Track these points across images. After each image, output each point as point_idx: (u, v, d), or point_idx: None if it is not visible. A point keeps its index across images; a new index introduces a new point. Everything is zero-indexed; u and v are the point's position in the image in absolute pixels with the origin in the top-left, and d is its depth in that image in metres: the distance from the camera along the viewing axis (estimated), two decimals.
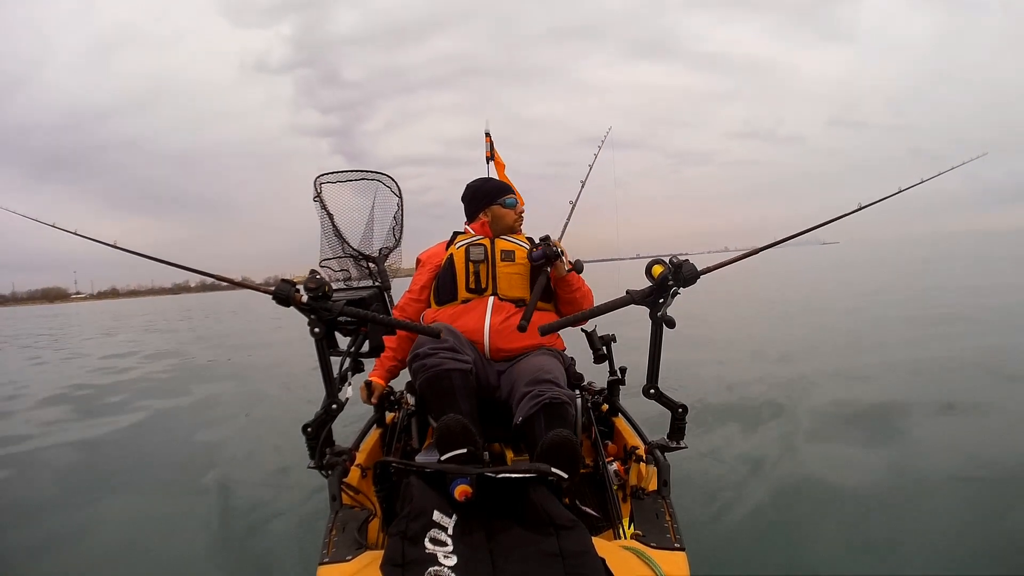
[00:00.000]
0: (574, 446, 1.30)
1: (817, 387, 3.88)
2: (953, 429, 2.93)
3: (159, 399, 5.00)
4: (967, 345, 4.98)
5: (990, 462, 2.40)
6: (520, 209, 2.04)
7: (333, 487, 1.31)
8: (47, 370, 7.99)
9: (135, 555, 2.08)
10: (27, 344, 13.02)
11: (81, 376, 6.83)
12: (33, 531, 2.31)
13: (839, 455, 2.64)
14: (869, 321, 6.92)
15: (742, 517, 2.07)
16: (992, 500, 2.09)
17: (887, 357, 4.71)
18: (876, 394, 3.60)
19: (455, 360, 1.53)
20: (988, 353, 4.58)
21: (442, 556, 1.01)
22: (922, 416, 3.11)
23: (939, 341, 5.25)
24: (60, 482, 2.94)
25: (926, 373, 4.09)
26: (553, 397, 1.46)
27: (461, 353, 1.57)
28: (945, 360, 4.44)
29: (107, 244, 1.48)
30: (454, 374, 1.51)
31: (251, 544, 2.10)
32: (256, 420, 4.03)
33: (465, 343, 1.66)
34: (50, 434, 3.97)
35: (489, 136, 2.92)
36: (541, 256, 1.80)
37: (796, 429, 3.03)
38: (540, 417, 1.45)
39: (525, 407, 1.48)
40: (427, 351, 1.54)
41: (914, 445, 2.72)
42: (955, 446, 2.64)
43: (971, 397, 3.40)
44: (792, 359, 4.97)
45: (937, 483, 2.26)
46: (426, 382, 1.53)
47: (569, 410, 1.50)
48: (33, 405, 5.17)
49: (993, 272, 14.11)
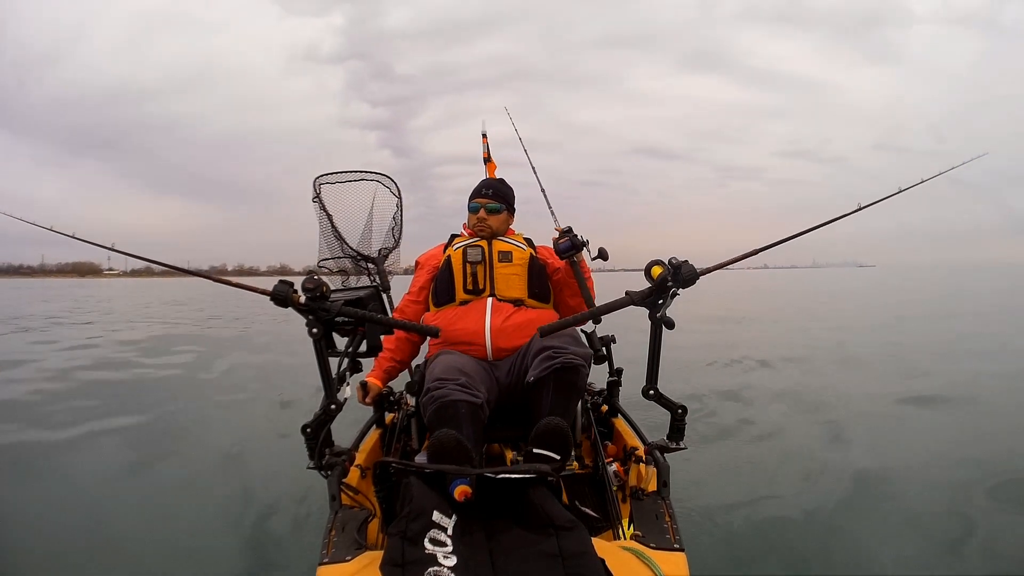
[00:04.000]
0: (566, 433, 1.34)
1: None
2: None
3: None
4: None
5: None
6: (482, 215, 1.93)
7: (333, 487, 1.31)
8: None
9: (135, 554, 2.07)
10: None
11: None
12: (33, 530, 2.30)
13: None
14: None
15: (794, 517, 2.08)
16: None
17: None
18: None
19: (465, 392, 1.47)
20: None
21: (442, 556, 1.01)
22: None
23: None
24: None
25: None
26: (566, 361, 1.49)
27: (473, 389, 1.50)
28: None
29: (105, 247, 1.48)
30: (461, 404, 1.45)
31: (251, 544, 2.09)
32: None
33: (481, 381, 1.58)
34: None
35: (486, 137, 2.91)
36: (569, 246, 1.77)
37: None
38: (550, 383, 1.47)
39: (539, 366, 1.51)
40: (437, 384, 1.48)
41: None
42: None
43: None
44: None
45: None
46: (433, 413, 1.47)
47: (582, 373, 1.53)
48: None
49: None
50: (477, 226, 1.93)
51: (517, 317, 1.75)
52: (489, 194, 1.96)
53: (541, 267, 1.88)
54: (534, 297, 1.83)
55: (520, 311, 1.78)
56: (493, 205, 1.94)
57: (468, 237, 1.96)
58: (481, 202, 1.94)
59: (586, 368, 1.55)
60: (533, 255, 1.90)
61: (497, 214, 1.95)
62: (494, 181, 2.05)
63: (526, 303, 1.81)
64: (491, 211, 1.93)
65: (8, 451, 3.21)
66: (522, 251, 1.89)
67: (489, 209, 1.93)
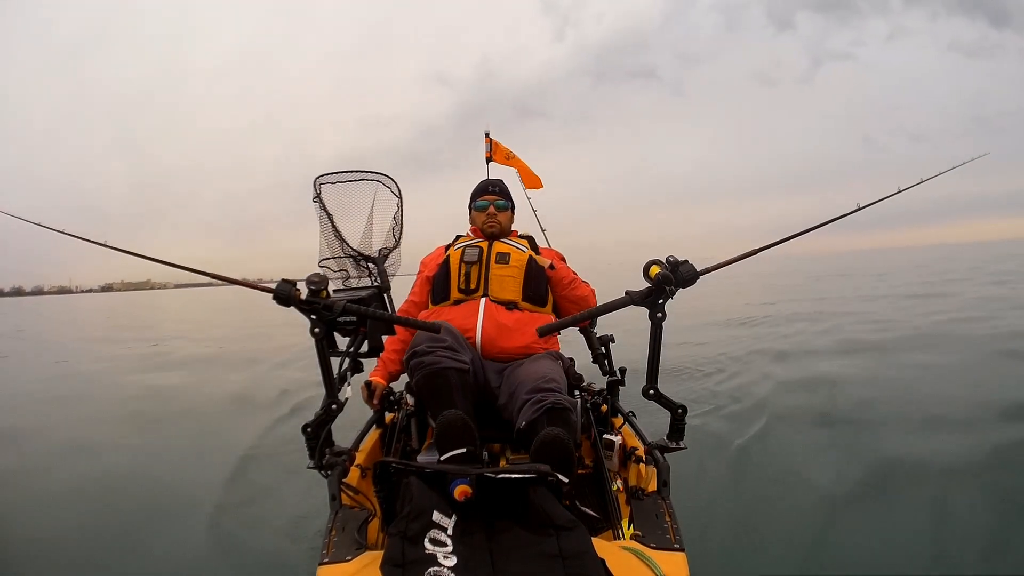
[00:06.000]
0: (566, 444, 1.31)
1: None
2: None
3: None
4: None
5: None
6: (491, 212, 1.96)
7: (333, 487, 1.31)
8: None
9: (134, 553, 2.08)
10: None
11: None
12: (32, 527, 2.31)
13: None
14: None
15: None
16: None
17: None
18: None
19: (453, 359, 1.54)
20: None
21: (442, 556, 1.01)
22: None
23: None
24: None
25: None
26: (555, 402, 1.46)
27: (459, 352, 1.57)
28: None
29: (97, 243, 1.48)
30: (450, 372, 1.51)
31: (251, 544, 2.09)
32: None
33: (464, 343, 1.66)
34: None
35: (488, 137, 2.94)
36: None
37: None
38: (543, 422, 1.45)
39: (528, 412, 1.47)
40: (425, 348, 1.54)
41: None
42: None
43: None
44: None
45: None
46: (423, 379, 1.53)
47: (571, 415, 1.50)
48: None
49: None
50: (487, 223, 1.96)
51: (509, 318, 1.75)
52: (496, 191, 2.01)
53: (539, 269, 1.88)
54: (528, 300, 1.83)
55: (513, 313, 1.78)
56: (501, 202, 2.00)
57: (472, 237, 1.97)
58: (489, 199, 1.98)
59: (573, 413, 1.52)
60: (532, 257, 1.90)
61: (505, 211, 2.00)
62: (497, 180, 2.08)
63: (520, 305, 1.81)
64: (499, 208, 1.98)
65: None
66: (521, 253, 1.89)
67: (498, 206, 1.98)
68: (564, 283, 1.88)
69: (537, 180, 3.08)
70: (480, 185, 2.05)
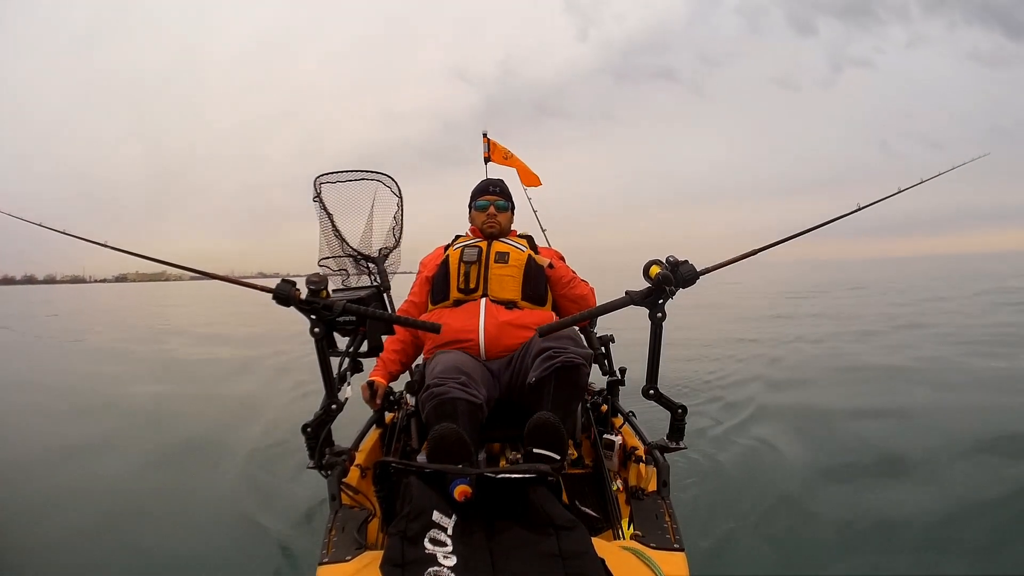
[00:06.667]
0: (557, 427, 1.34)
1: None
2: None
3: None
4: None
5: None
6: (491, 212, 1.95)
7: (333, 487, 1.31)
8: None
9: (134, 552, 2.07)
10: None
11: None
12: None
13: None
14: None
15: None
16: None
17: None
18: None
19: (465, 391, 1.47)
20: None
21: (441, 556, 1.01)
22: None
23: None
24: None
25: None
26: (567, 360, 1.48)
27: (473, 389, 1.50)
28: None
29: (97, 243, 1.48)
30: (460, 402, 1.44)
31: (251, 544, 2.09)
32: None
33: (481, 381, 1.56)
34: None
35: (486, 137, 2.94)
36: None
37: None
38: (551, 382, 1.46)
39: (539, 367, 1.49)
40: (438, 381, 1.48)
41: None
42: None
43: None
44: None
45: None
46: (432, 410, 1.46)
47: (583, 372, 1.52)
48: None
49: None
50: (487, 223, 1.95)
51: (510, 318, 1.75)
52: (496, 191, 2.01)
53: (538, 269, 1.87)
54: (528, 299, 1.82)
55: (513, 312, 1.78)
56: (502, 203, 1.99)
57: (471, 237, 1.97)
58: (490, 199, 1.98)
59: (587, 367, 1.55)
60: (531, 256, 1.90)
61: (505, 212, 1.99)
62: (498, 180, 2.08)
63: (519, 305, 1.81)
64: (500, 208, 1.98)
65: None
66: (520, 252, 1.89)
67: (498, 206, 1.98)
68: (563, 282, 1.88)
69: (536, 178, 3.08)
70: (480, 185, 2.05)
